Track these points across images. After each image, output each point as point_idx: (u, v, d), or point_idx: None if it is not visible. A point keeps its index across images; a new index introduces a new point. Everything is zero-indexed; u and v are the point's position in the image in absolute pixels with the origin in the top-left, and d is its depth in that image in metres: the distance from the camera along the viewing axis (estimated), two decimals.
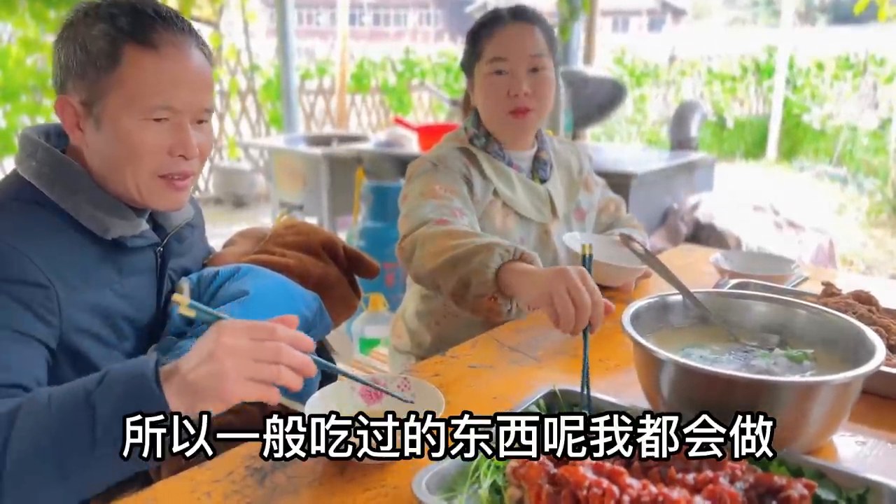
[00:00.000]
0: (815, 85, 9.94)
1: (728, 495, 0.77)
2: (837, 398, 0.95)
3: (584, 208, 1.79)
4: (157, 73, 1.04)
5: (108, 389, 0.83)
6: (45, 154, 1.07)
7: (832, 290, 1.38)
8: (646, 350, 1.01)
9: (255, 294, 1.19)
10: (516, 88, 1.54)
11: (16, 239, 0.98)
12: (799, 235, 3.28)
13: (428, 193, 1.52)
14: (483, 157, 1.63)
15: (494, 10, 1.61)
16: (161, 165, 1.07)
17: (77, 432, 0.81)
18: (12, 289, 0.95)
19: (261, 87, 7.12)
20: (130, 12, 1.04)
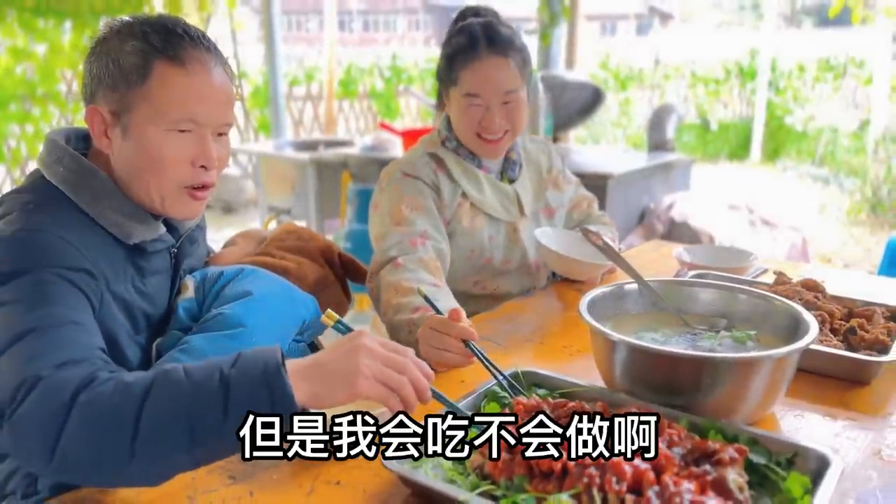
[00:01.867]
0: (797, 87, 10.08)
1: (663, 457, 0.85)
2: (773, 373, 1.03)
3: (553, 206, 1.86)
4: (184, 89, 1.10)
5: (244, 373, 0.87)
6: (71, 161, 1.12)
7: (783, 280, 1.47)
8: (600, 333, 1.10)
9: (258, 295, 1.25)
10: (488, 121, 1.62)
11: (61, 232, 1.04)
12: (773, 233, 3.37)
13: (394, 216, 1.60)
14: (452, 160, 1.70)
15: (470, 31, 1.64)
16: (184, 177, 1.13)
17: (210, 407, 0.85)
18: (67, 274, 1.01)
19: (249, 93, 7.18)
20: (161, 30, 1.10)
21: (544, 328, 1.51)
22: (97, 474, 0.86)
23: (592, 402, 1.01)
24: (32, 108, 6.13)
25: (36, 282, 0.98)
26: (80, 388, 0.86)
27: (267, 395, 0.86)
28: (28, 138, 6.20)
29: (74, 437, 0.84)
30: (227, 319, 1.19)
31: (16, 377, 0.88)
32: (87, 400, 0.85)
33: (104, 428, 0.84)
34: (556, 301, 1.70)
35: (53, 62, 6.06)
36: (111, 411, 0.85)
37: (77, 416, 0.84)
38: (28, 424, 0.85)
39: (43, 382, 0.86)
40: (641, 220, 3.25)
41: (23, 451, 0.87)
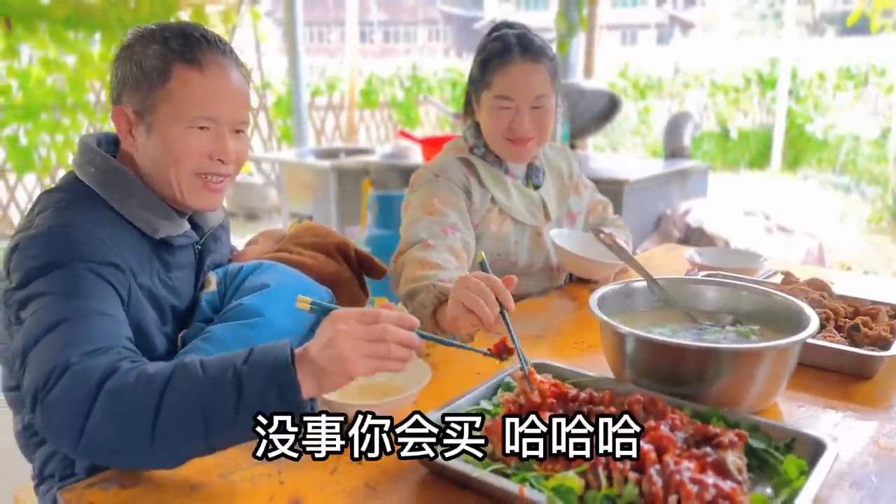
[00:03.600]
0: (818, 95, 10.03)
1: (665, 438, 0.90)
2: (774, 364, 1.08)
3: (575, 211, 1.92)
4: (202, 89, 1.18)
5: (256, 368, 0.93)
6: (102, 162, 1.21)
7: (790, 279, 1.51)
8: (609, 326, 1.15)
9: (275, 287, 1.32)
10: (518, 124, 1.67)
11: (92, 227, 1.12)
12: (789, 239, 3.38)
13: (426, 207, 1.64)
14: (482, 167, 1.75)
15: (504, 38, 1.69)
16: (200, 166, 1.21)
17: (224, 400, 0.92)
18: (96, 268, 1.08)
19: (272, 103, 7.30)
20: (180, 35, 1.19)
21: (557, 325, 1.57)
22: (120, 457, 0.94)
23: (600, 392, 1.06)
24: (62, 117, 6.29)
25: (68, 275, 1.06)
26: (105, 375, 0.93)
27: (276, 392, 0.93)
28: (58, 147, 6.36)
29: (99, 423, 0.91)
30: (245, 310, 1.26)
31: (48, 364, 0.95)
32: (112, 388, 0.92)
33: (127, 416, 0.92)
34: (569, 300, 1.75)
35: (83, 73, 6.22)
36: (134, 401, 0.92)
37: (102, 403, 0.92)
38: (58, 408, 0.93)
39: (72, 370, 0.94)
40: (657, 226, 3.29)
41: (53, 432, 0.95)
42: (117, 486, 0.95)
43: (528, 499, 0.85)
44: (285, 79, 8.05)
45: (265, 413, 0.92)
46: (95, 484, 0.96)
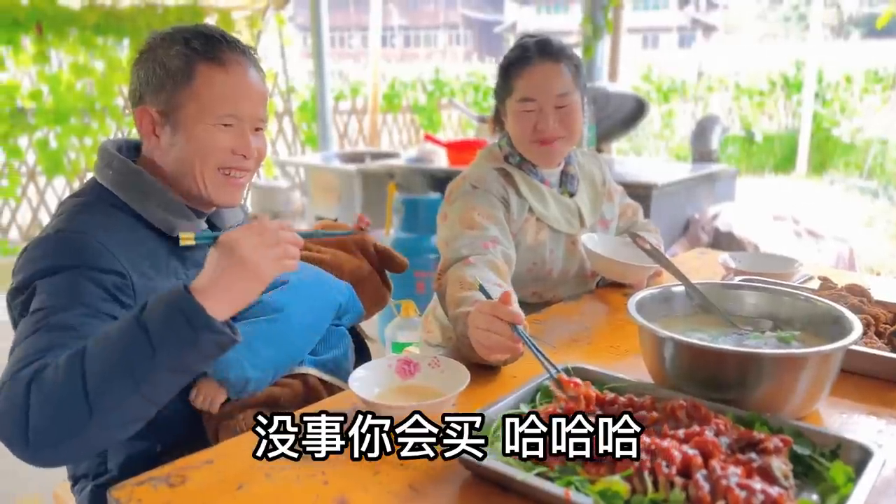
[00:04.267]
0: (844, 99, 9.91)
1: (711, 443, 0.90)
2: (817, 370, 1.07)
3: (608, 218, 1.92)
4: (225, 86, 1.22)
5: (153, 310, 1.00)
6: (120, 164, 1.24)
7: (828, 285, 1.49)
8: (648, 330, 1.15)
9: (294, 283, 1.35)
10: (543, 124, 1.67)
11: (99, 234, 1.15)
12: (818, 244, 3.35)
13: (466, 221, 1.63)
14: (519, 176, 1.75)
15: (523, 44, 1.71)
16: (223, 161, 1.25)
17: (137, 346, 0.98)
18: (94, 275, 1.12)
19: (296, 108, 7.36)
20: (201, 36, 1.23)
21: (591, 329, 1.57)
22: (70, 440, 0.98)
23: (641, 397, 1.06)
24: (91, 121, 6.39)
25: (65, 281, 1.10)
26: (31, 378, 0.98)
27: (182, 319, 0.98)
28: (86, 150, 6.46)
29: (38, 416, 0.96)
30: (266, 306, 1.29)
31: (1, 379, 1.01)
32: (38, 384, 0.97)
33: (59, 398, 0.96)
34: (601, 304, 1.75)
35: (112, 78, 6.32)
36: (59, 383, 0.97)
37: (34, 400, 0.97)
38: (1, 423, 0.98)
39: (6, 386, 0.99)
40: (686, 230, 3.27)
41: (9, 448, 0.99)
42: (166, 485, 0.97)
43: (574, 503, 0.85)
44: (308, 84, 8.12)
45: (181, 342, 0.98)
46: (145, 482, 0.97)
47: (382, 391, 1.19)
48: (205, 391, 1.23)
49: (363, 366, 1.23)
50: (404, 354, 1.25)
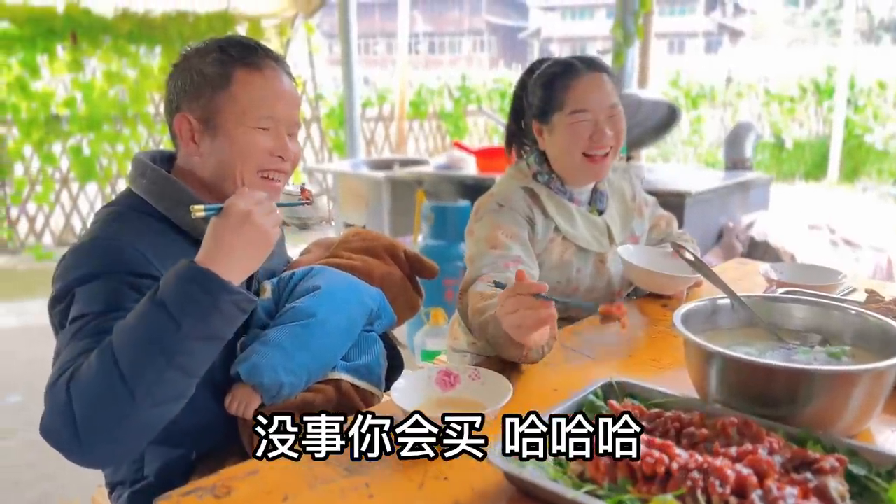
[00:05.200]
0: (877, 105, 9.75)
1: (765, 462, 0.88)
2: (870, 387, 1.04)
3: (638, 234, 1.89)
4: (263, 90, 1.25)
5: (167, 287, 1.03)
6: (153, 173, 1.26)
7: (876, 297, 1.46)
8: (695, 344, 1.13)
9: (326, 288, 1.36)
10: (600, 134, 1.65)
11: (133, 240, 1.17)
12: (856, 253, 3.29)
13: (491, 240, 1.63)
14: (545, 195, 1.72)
15: (560, 61, 1.72)
16: (263, 164, 1.27)
17: (160, 323, 1.01)
18: (130, 280, 1.13)
19: (324, 115, 7.41)
20: (236, 44, 1.27)
21: (631, 342, 1.55)
22: (119, 427, 1.00)
23: (689, 413, 1.04)
24: (123, 128, 6.49)
25: (102, 287, 1.12)
26: (69, 380, 1.01)
27: (196, 287, 1.01)
28: (119, 157, 6.57)
29: (82, 411, 0.98)
30: (298, 312, 1.30)
31: (45, 390, 1.04)
32: (75, 383, 1.00)
33: (97, 388, 0.98)
34: (640, 316, 1.73)
35: (144, 85, 6.42)
36: (94, 376, 0.99)
37: (75, 397, 0.99)
38: (50, 428, 1.01)
39: (49, 395, 1.02)
40: (719, 239, 3.23)
41: (63, 453, 1.02)
42: (211, 496, 0.97)
43: None
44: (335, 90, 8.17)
45: (202, 310, 1.01)
46: (190, 492, 0.97)
47: (423, 403, 1.18)
48: (239, 397, 1.23)
49: (403, 376, 1.23)
50: (444, 366, 1.25)
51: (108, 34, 6.15)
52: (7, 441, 3.05)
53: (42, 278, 5.73)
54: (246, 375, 1.21)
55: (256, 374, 1.21)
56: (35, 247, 6.41)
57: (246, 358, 1.22)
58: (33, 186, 6.43)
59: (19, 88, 6.07)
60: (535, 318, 1.18)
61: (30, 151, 6.35)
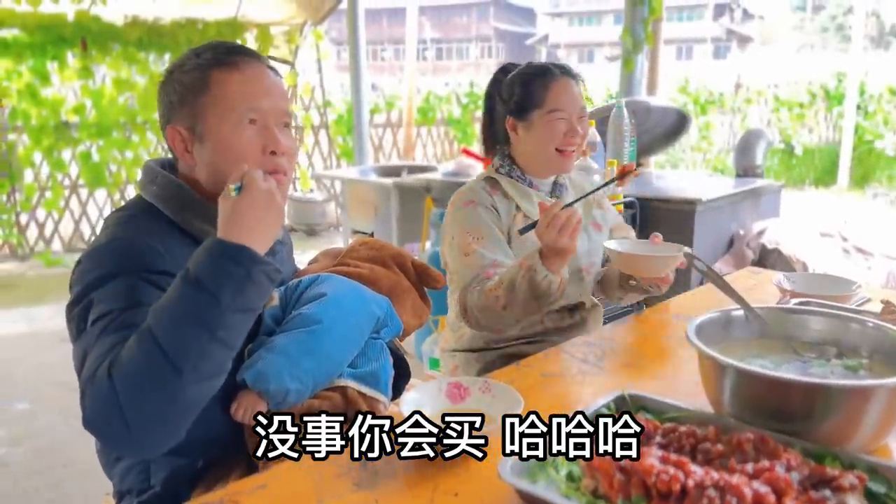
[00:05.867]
0: (887, 111, 9.69)
1: (783, 481, 0.86)
2: (888, 401, 1.02)
3: (600, 222, 1.98)
4: (242, 85, 1.24)
5: (199, 265, 1.05)
6: (163, 179, 1.27)
7: (891, 308, 1.44)
8: (710, 358, 1.11)
9: (332, 296, 1.35)
10: (573, 133, 1.80)
11: (148, 239, 1.18)
12: (868, 261, 3.25)
13: (464, 249, 1.77)
14: (506, 182, 1.86)
15: (537, 64, 1.86)
16: (258, 162, 1.24)
17: (199, 299, 1.03)
18: (149, 276, 1.14)
19: (332, 121, 7.42)
20: (211, 48, 1.27)
21: (641, 353, 1.53)
22: (171, 411, 1.01)
23: (703, 427, 1.03)
24: (132, 135, 6.52)
25: (121, 285, 1.12)
26: (109, 369, 1.01)
27: (230, 261, 1.05)
28: (128, 163, 6.60)
29: (129, 397, 0.98)
30: (305, 318, 1.29)
31: (81, 387, 1.05)
32: (117, 369, 1.00)
33: (144, 372, 0.99)
34: (649, 327, 1.71)
35: (153, 92, 6.39)
36: (138, 360, 1.00)
37: (119, 383, 0.99)
38: (95, 420, 1.01)
39: (90, 386, 1.02)
40: (730, 246, 3.20)
41: (110, 444, 1.04)
42: None
43: None
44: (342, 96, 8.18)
45: (239, 281, 1.04)
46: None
47: (432, 416, 1.17)
48: (245, 403, 1.22)
49: (413, 388, 1.22)
50: (455, 378, 1.23)
51: (118, 41, 6.17)
52: (14, 448, 3.05)
53: (51, 284, 5.78)
54: (252, 382, 1.20)
55: (262, 380, 1.20)
56: (44, 253, 6.44)
57: (252, 364, 1.22)
58: (43, 193, 6.45)
59: (29, 95, 6.10)
60: (564, 220, 1.51)
61: (39, 158, 6.38)
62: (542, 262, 1.57)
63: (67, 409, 3.25)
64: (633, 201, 2.99)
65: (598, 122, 3.07)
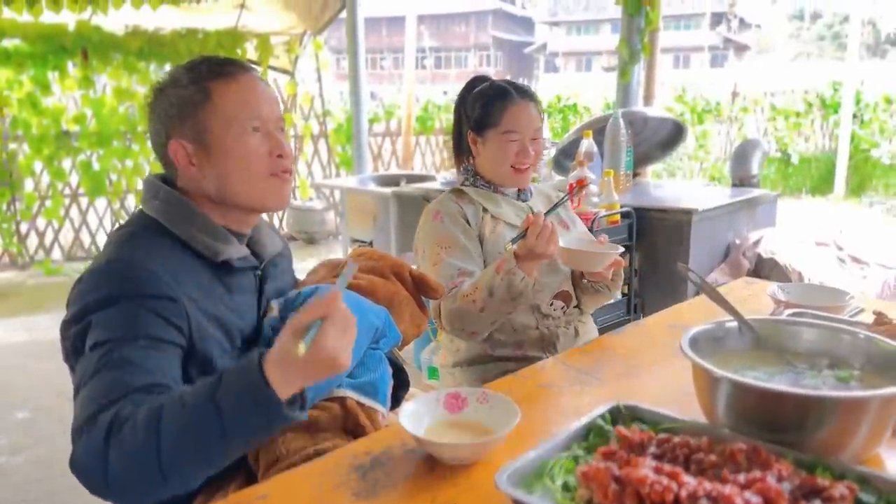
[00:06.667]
0: (883, 119, 9.74)
1: (774, 491, 0.88)
2: (879, 412, 1.04)
3: (566, 221, 2.08)
4: (242, 94, 1.27)
5: (228, 388, 1.02)
6: (165, 194, 1.29)
7: (883, 320, 1.46)
8: (703, 370, 1.13)
9: None
10: (523, 154, 1.90)
11: (147, 261, 1.18)
12: (863, 271, 3.28)
13: (432, 257, 1.86)
14: (472, 190, 1.95)
15: (498, 84, 1.95)
16: (268, 166, 1.30)
17: (210, 427, 1.01)
18: (148, 303, 1.15)
19: (331, 130, 7.45)
20: (204, 61, 1.30)
21: (636, 363, 1.55)
22: (146, 492, 1.03)
23: (697, 438, 1.04)
24: (133, 144, 6.54)
25: (119, 312, 1.13)
26: (110, 429, 1.02)
27: (259, 411, 1.01)
28: (128, 173, 6.62)
29: (117, 472, 1.01)
30: None
31: (74, 423, 1.07)
32: (117, 440, 1.02)
33: (136, 463, 1.01)
34: (645, 337, 1.73)
35: None
36: (136, 449, 1.01)
37: (113, 456, 1.02)
38: (81, 466, 1.04)
39: (85, 429, 1.04)
40: (726, 256, 3.22)
41: (88, 485, 1.05)
42: None
43: None
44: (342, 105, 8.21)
45: (255, 429, 1.03)
46: None
47: (431, 426, 1.19)
48: None
49: (411, 400, 1.23)
50: (452, 389, 1.25)
51: (119, 51, 6.20)
52: (15, 457, 3.06)
53: (51, 293, 5.79)
54: None
55: None
56: (44, 262, 6.45)
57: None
58: (43, 202, 6.47)
59: (30, 104, 6.13)
60: (549, 229, 1.67)
61: (40, 167, 6.40)
62: (520, 266, 1.70)
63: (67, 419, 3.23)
64: (630, 211, 3.01)
65: (595, 132, 3.09)
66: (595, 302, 2.02)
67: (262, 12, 6.34)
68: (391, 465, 1.08)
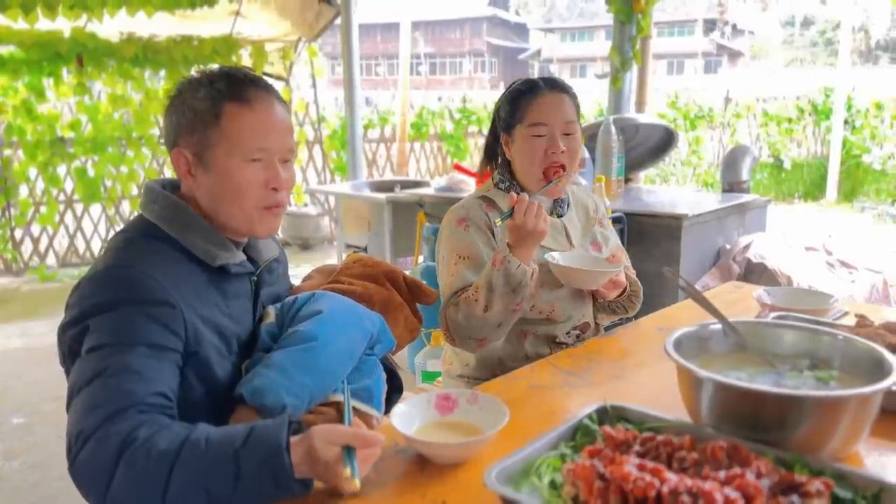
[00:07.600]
0: (874, 125, 9.81)
1: (752, 486, 0.91)
2: (856, 411, 1.07)
3: (600, 241, 1.95)
4: (253, 123, 1.27)
5: (252, 451, 1.03)
6: (164, 199, 1.30)
7: (865, 322, 1.49)
8: (687, 370, 1.16)
9: (327, 313, 1.38)
10: (554, 147, 1.75)
11: (146, 267, 1.20)
12: (852, 275, 3.32)
13: (450, 268, 1.78)
14: (502, 198, 1.82)
15: (528, 80, 1.84)
16: (260, 199, 1.29)
17: (224, 480, 1.02)
18: (148, 309, 1.16)
19: (326, 136, 7.47)
20: (225, 77, 1.29)
21: (625, 365, 1.58)
22: None
23: (680, 437, 1.07)
24: (128, 150, 6.56)
25: (119, 318, 1.14)
26: (123, 446, 1.02)
27: (270, 477, 1.02)
28: (123, 179, 6.63)
29: (119, 489, 1.01)
30: (301, 335, 1.32)
31: (76, 425, 1.06)
32: (129, 461, 1.01)
33: (142, 487, 1.01)
34: (635, 339, 1.76)
35: (148, 108, 6.50)
36: (147, 475, 1.01)
37: (122, 473, 1.01)
38: (85, 472, 1.03)
39: (94, 437, 1.03)
40: (716, 261, 3.26)
41: (84, 490, 1.05)
42: None
43: None
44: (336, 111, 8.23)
45: (262, 496, 1.02)
46: None
47: (422, 426, 1.21)
48: (242, 418, 1.25)
49: (403, 401, 1.26)
50: (443, 390, 1.27)
51: (114, 58, 6.22)
52: (11, 462, 3.07)
53: (46, 299, 5.79)
54: (249, 397, 1.24)
55: (259, 396, 1.23)
56: (39, 268, 6.45)
57: (249, 380, 1.25)
58: (38, 208, 6.47)
59: (25, 111, 6.14)
60: (535, 205, 1.58)
61: (35, 173, 6.41)
62: (513, 254, 1.61)
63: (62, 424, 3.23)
64: (622, 216, 3.04)
65: (587, 138, 3.13)
66: (610, 318, 1.95)
67: (257, 20, 6.37)
68: (382, 465, 1.11)
